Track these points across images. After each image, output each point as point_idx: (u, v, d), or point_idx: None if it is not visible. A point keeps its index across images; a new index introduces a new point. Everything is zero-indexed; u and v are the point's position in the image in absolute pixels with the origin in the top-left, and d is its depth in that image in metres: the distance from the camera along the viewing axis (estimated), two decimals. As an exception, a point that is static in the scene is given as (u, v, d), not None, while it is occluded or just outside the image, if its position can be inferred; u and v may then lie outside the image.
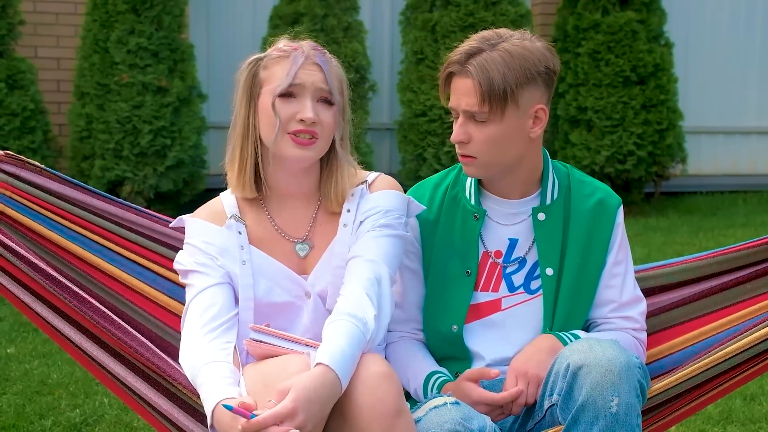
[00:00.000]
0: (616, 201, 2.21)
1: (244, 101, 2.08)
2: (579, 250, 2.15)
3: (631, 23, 7.32)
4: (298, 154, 2.04)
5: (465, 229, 2.18)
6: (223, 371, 1.89)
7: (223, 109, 2.26)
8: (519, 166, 2.15)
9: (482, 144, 2.08)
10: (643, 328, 2.20)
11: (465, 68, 2.07)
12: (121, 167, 6.64)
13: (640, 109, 7.38)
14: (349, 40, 7.04)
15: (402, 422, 1.82)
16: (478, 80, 2.04)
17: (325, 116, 2.05)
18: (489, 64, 2.04)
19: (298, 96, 2.04)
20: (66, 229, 2.23)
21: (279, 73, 2.05)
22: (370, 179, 2.15)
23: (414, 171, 7.24)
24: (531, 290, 2.17)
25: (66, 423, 3.33)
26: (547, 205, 2.17)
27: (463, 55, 2.08)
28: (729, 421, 3.36)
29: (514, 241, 2.18)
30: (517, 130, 2.09)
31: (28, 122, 6.50)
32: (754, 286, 2.22)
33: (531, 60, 2.06)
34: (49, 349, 4.14)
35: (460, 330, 2.16)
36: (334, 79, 2.07)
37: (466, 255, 2.17)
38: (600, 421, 1.87)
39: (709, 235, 6.72)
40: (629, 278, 2.19)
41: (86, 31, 6.76)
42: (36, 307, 2.12)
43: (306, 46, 2.08)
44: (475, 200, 2.18)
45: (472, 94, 2.05)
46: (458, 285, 2.17)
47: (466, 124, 2.09)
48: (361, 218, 2.09)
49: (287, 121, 2.03)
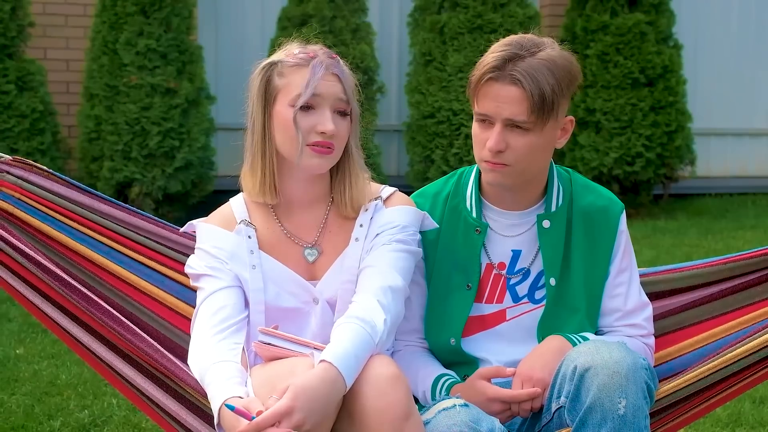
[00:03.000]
0: (619, 207, 2.18)
1: (259, 108, 2.07)
2: (582, 258, 2.14)
3: (639, 25, 7.31)
4: (316, 164, 2.04)
5: (467, 242, 2.16)
6: (231, 371, 1.90)
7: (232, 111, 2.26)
8: (535, 177, 2.13)
9: (520, 153, 2.04)
10: (650, 333, 2.19)
11: (510, 75, 2.00)
12: (130, 169, 6.65)
13: (648, 111, 7.36)
14: (357, 42, 7.04)
15: (411, 425, 1.82)
16: (529, 90, 1.99)
17: (341, 127, 2.05)
18: (537, 74, 1.99)
19: (317, 107, 2.03)
20: (74, 230, 2.23)
21: (297, 82, 2.03)
22: (384, 195, 2.14)
23: (422, 173, 7.24)
24: (536, 300, 2.16)
25: (75, 424, 3.33)
26: (552, 213, 2.15)
27: (501, 60, 2.01)
28: (738, 424, 3.35)
29: (517, 253, 2.16)
30: (551, 141, 2.09)
31: (38, 124, 6.53)
32: (764, 288, 2.21)
33: (573, 71, 2.05)
34: (58, 350, 4.15)
35: (458, 343, 2.15)
36: (350, 87, 2.07)
37: (467, 268, 2.15)
38: (608, 423, 1.86)
39: (718, 237, 6.70)
40: (634, 285, 2.17)
41: (95, 33, 6.78)
42: (45, 308, 2.13)
43: (321, 54, 2.06)
44: (476, 212, 2.16)
45: (517, 103, 2.00)
46: (458, 298, 2.15)
47: (504, 132, 2.04)
48: (375, 231, 2.08)
49: (307, 133, 2.02)
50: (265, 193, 2.09)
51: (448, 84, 7.13)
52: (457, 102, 7.07)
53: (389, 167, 8.00)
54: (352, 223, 2.11)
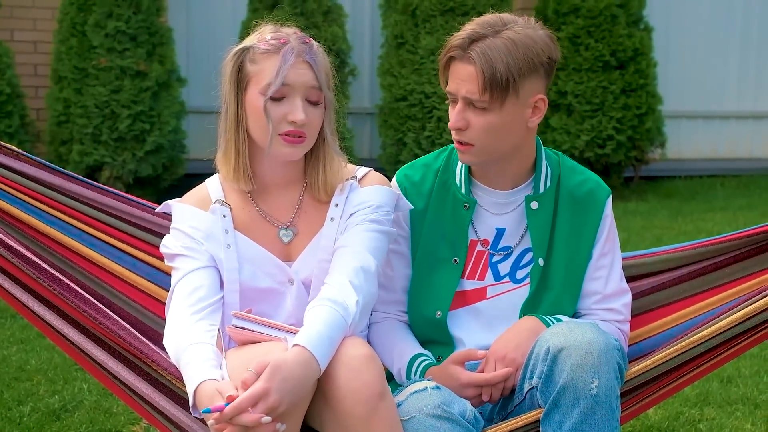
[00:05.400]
0: (606, 192, 2.20)
1: (232, 95, 2.05)
2: (566, 240, 2.15)
3: (611, 7, 7.33)
4: (288, 152, 2.03)
5: (455, 217, 2.17)
6: (207, 353, 1.90)
7: (203, 94, 2.24)
8: (514, 156, 2.14)
9: (480, 131, 2.06)
10: (626, 319, 2.20)
11: (467, 54, 2.02)
12: (100, 152, 6.59)
13: (619, 94, 7.39)
14: (329, 24, 7.00)
15: (384, 405, 1.83)
16: (481, 68, 2.00)
17: (313, 115, 2.03)
18: (492, 52, 2.00)
19: (288, 96, 2.01)
20: (45, 213, 2.21)
21: (268, 70, 2.00)
22: (359, 174, 2.13)
23: (394, 156, 7.23)
24: (516, 280, 2.18)
25: (45, 409, 3.31)
26: (540, 194, 2.16)
27: (465, 39, 2.03)
28: (706, 403, 3.39)
29: (501, 231, 2.18)
30: (516, 120, 2.08)
31: (5, 106, 6.44)
32: (732, 270, 2.24)
33: (534, 50, 2.03)
34: (27, 335, 4.11)
35: (444, 316, 2.16)
36: (323, 74, 2.04)
37: (455, 243, 2.17)
38: (581, 403, 1.88)
39: (688, 219, 6.76)
40: (615, 270, 2.19)
41: (63, 15, 6.69)
42: (15, 292, 2.11)
43: (294, 40, 2.03)
44: (465, 189, 2.17)
45: (473, 81, 2.02)
46: (445, 272, 2.17)
47: (464, 110, 2.06)
48: (350, 211, 2.08)
49: (278, 123, 2.01)
50: (239, 179, 2.08)
51: (420, 67, 7.11)
52: (429, 85, 7.06)
53: (362, 150, 7.99)
54: (327, 204, 2.11)
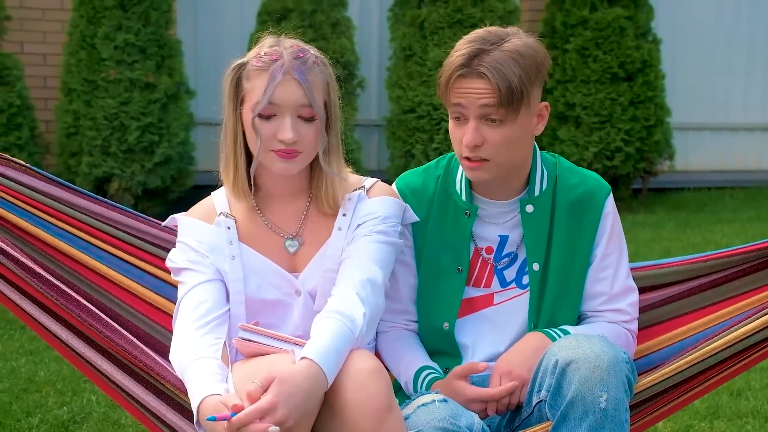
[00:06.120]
0: (605, 190, 2.18)
1: (230, 109, 2.06)
2: (565, 243, 2.14)
3: (618, 19, 7.33)
4: (282, 167, 2.03)
5: (457, 225, 2.16)
6: (212, 368, 1.90)
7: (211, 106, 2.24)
8: (520, 167, 2.14)
9: (497, 146, 2.05)
10: (633, 319, 2.19)
11: (476, 70, 2.01)
12: (109, 164, 6.61)
13: (627, 106, 7.39)
14: (337, 36, 7.02)
15: (392, 418, 1.82)
16: (495, 82, 2.00)
17: (306, 132, 2.01)
18: (503, 66, 2.00)
19: (278, 114, 2.00)
20: (52, 226, 2.22)
21: (258, 88, 2.00)
22: (367, 185, 2.13)
23: (402, 167, 7.23)
24: (523, 285, 2.17)
25: (53, 421, 3.31)
26: (535, 197, 2.15)
27: (467, 57, 2.03)
28: (716, 417, 3.37)
29: (504, 238, 2.17)
30: (527, 129, 2.08)
31: (15, 119, 6.46)
32: (742, 283, 2.22)
33: (539, 58, 2.05)
34: (36, 346, 4.12)
35: (451, 327, 2.15)
36: (317, 91, 2.02)
37: (458, 251, 2.16)
38: (589, 416, 1.87)
39: (697, 231, 6.74)
40: (621, 269, 2.17)
41: (73, 27, 6.72)
42: (23, 304, 2.11)
43: (287, 55, 2.01)
44: (466, 196, 2.17)
45: (488, 96, 2.01)
46: (450, 281, 2.16)
47: (479, 126, 2.05)
48: (357, 222, 2.08)
49: (268, 140, 2.01)
50: (238, 193, 2.09)
51: (428, 78, 7.12)
52: (438, 97, 7.07)
53: (369, 162, 8.00)
54: (333, 214, 2.10)
